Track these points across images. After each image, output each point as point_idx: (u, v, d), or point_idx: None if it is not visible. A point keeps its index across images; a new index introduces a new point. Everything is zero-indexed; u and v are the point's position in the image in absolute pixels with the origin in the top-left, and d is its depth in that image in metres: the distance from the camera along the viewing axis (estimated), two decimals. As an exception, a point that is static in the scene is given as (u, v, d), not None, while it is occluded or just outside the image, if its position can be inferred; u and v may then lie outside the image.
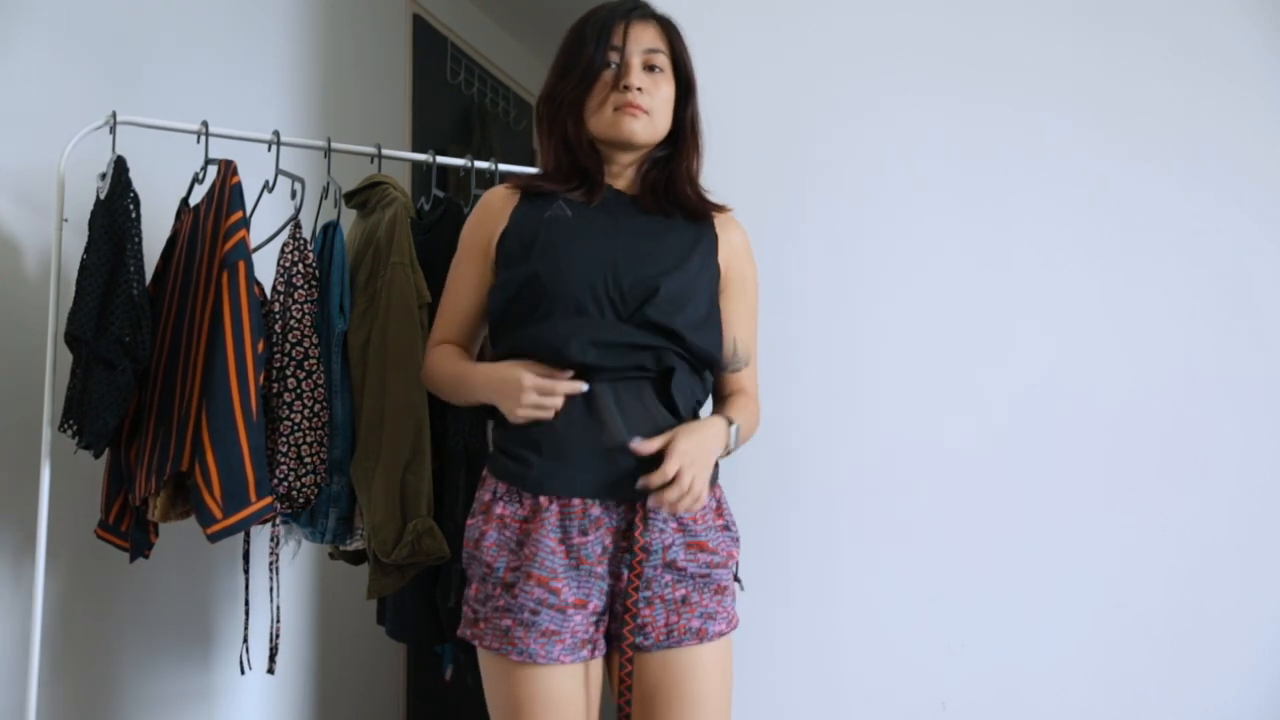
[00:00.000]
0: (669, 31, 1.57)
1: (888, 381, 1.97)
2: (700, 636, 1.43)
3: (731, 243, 1.58)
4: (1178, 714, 1.82)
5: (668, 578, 1.43)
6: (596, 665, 1.46)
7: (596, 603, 1.43)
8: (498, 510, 1.46)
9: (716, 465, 1.49)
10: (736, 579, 1.53)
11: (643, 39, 1.53)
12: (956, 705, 1.88)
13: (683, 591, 1.44)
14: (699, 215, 1.57)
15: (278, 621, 1.90)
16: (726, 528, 1.50)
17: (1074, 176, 1.92)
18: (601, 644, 1.45)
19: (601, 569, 1.42)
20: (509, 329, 1.51)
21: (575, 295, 1.44)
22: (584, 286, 1.44)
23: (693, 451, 1.39)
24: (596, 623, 1.44)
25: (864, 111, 2.02)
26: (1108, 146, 1.92)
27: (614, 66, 1.52)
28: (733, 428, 1.48)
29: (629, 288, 1.45)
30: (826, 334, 1.97)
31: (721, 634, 1.46)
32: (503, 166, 2.11)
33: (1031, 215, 1.94)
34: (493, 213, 1.57)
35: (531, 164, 3.24)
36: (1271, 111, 1.88)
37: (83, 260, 1.79)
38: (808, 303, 1.99)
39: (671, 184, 1.56)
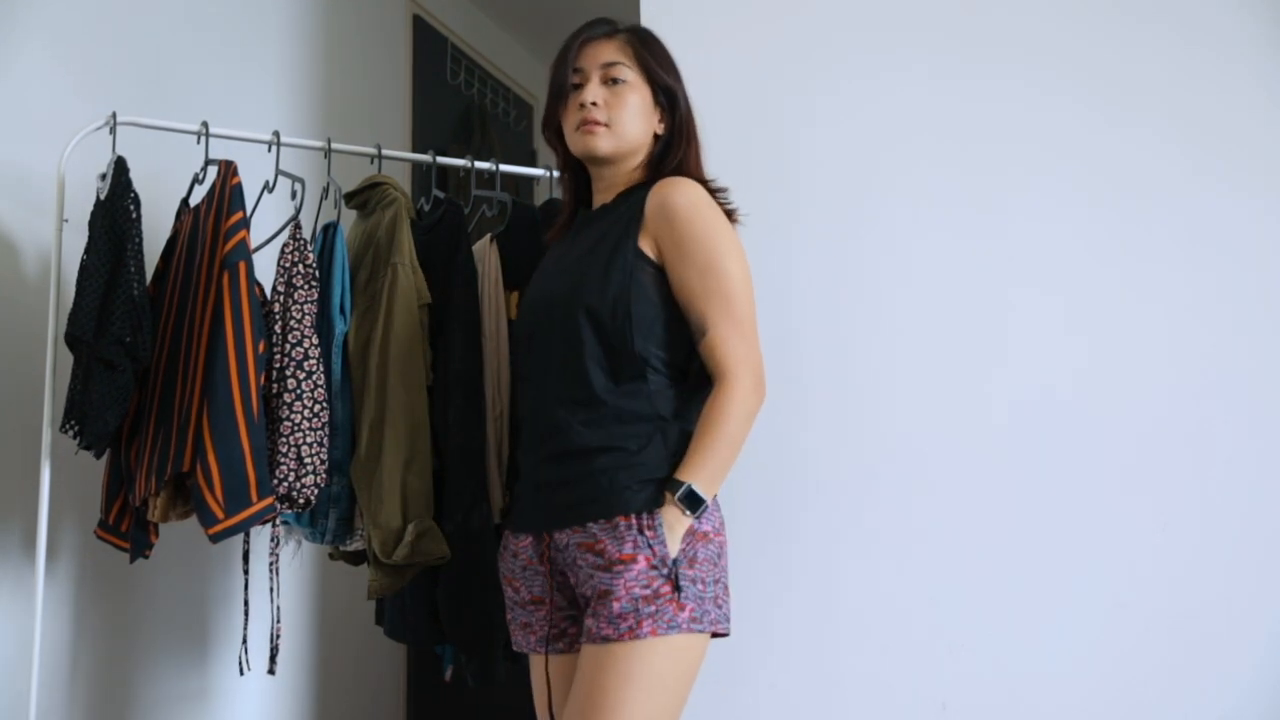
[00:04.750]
0: (633, 43, 1.61)
1: (887, 381, 1.97)
2: (589, 636, 1.41)
3: (658, 209, 1.49)
4: (1179, 714, 1.82)
5: (584, 576, 1.44)
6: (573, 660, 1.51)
7: (556, 597, 1.52)
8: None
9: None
10: (676, 586, 1.39)
11: (600, 55, 1.59)
12: (957, 705, 1.88)
13: (588, 591, 1.44)
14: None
15: (278, 622, 1.90)
16: (637, 533, 1.41)
17: (1075, 159, 1.92)
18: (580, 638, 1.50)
19: (545, 568, 1.52)
20: None
21: (519, 333, 1.60)
22: (522, 322, 1.60)
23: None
24: (572, 618, 1.53)
25: (857, 98, 2.02)
26: (1109, 128, 1.90)
27: (579, 87, 1.60)
28: (679, 492, 1.41)
29: (544, 310, 1.56)
30: (824, 333, 1.97)
31: (607, 638, 1.37)
32: (503, 167, 2.11)
33: (1031, 208, 1.94)
34: None
35: (532, 164, 3.25)
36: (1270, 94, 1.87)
37: (83, 261, 1.79)
38: (805, 300, 1.99)
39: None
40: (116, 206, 1.79)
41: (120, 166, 1.82)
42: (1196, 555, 1.83)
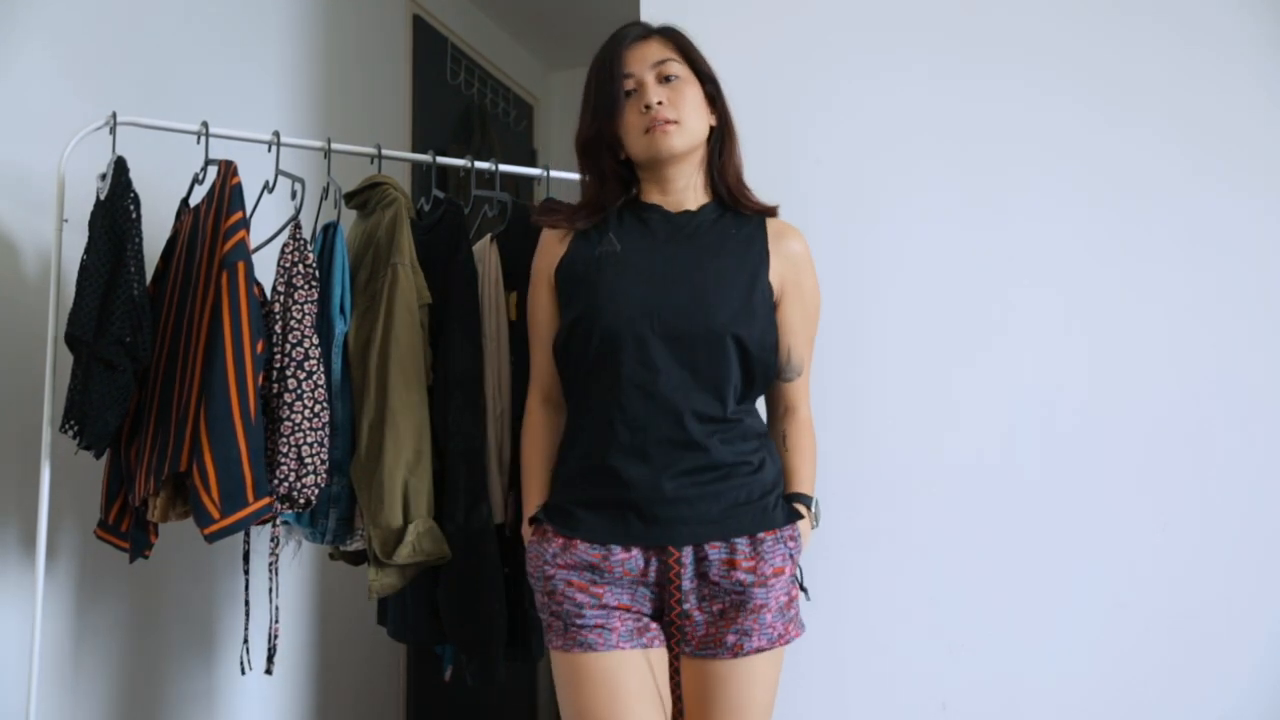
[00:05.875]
0: (673, 39, 1.61)
1: (888, 382, 1.97)
2: (735, 652, 1.47)
3: (787, 253, 1.60)
4: (1179, 714, 1.82)
5: (705, 590, 1.47)
6: (659, 654, 1.50)
7: (642, 607, 1.50)
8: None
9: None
10: (802, 588, 1.58)
11: (648, 55, 1.57)
12: (957, 706, 1.88)
13: (719, 606, 1.48)
14: (751, 216, 1.62)
15: (276, 622, 1.90)
16: (783, 545, 1.51)
17: (1075, 159, 1.92)
18: (660, 635, 1.50)
19: (650, 578, 1.48)
20: (568, 369, 1.58)
21: (624, 333, 1.49)
22: (632, 323, 1.49)
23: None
24: (650, 617, 1.51)
25: (857, 98, 2.02)
26: (1109, 128, 1.91)
27: (632, 93, 1.57)
28: (814, 508, 1.61)
29: (679, 321, 1.49)
30: (823, 332, 1.97)
31: (761, 650, 1.47)
32: (503, 167, 2.11)
33: (1031, 208, 1.94)
34: (550, 244, 1.65)
35: (531, 164, 3.25)
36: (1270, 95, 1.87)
37: (83, 261, 1.79)
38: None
39: (722, 182, 1.62)
40: (116, 206, 1.79)
41: (120, 166, 1.82)
42: (1196, 555, 1.83)
